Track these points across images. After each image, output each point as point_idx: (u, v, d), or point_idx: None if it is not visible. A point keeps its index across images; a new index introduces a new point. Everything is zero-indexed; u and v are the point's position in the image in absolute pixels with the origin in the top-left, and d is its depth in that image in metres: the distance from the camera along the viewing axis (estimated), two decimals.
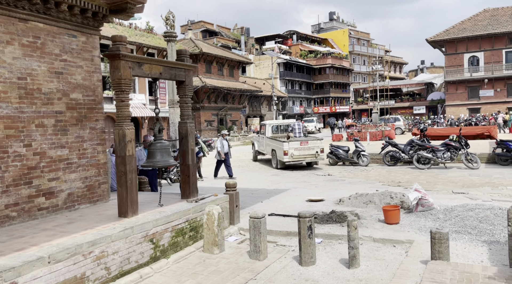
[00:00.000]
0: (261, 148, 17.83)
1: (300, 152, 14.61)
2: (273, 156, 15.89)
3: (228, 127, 37.80)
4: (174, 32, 16.39)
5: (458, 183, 10.70)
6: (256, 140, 18.72)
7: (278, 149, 15.15)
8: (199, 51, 32.61)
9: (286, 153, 14.39)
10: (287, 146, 14.46)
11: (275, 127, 17.73)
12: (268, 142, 16.62)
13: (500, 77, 41.39)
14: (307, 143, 14.80)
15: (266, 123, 17.81)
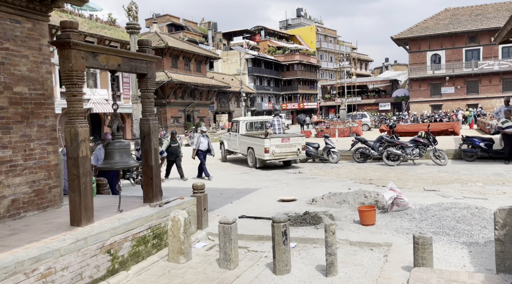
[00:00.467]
0: (233, 146, 16.66)
1: (282, 149, 13.75)
2: (250, 154, 14.93)
3: (195, 124, 36.97)
4: (137, 24, 15.60)
5: (428, 180, 10.67)
6: (226, 139, 17.46)
7: (257, 146, 14.21)
8: (164, 45, 31.57)
9: (267, 150, 13.45)
10: (268, 142, 13.49)
11: (249, 124, 16.46)
12: (243, 140, 15.51)
13: (460, 75, 42.86)
14: (288, 140, 13.99)
15: (239, 120, 16.47)
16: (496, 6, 43.34)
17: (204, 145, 12.89)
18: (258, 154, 14.15)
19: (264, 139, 13.64)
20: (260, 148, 13.85)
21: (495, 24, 40.62)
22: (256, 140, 14.36)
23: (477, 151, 13.35)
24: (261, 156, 13.90)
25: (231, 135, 16.87)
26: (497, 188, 9.14)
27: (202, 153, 12.98)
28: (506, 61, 40.94)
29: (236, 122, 16.49)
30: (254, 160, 14.66)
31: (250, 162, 15.04)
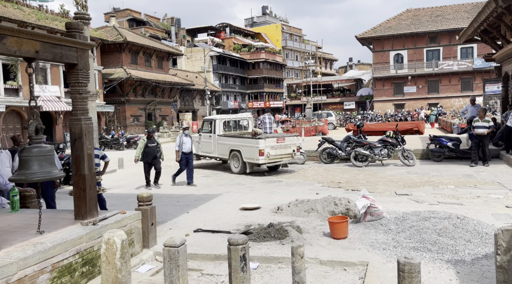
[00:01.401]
0: (205, 149, 14.25)
1: (277, 151, 12.06)
2: (234, 158, 12.82)
3: (157, 123, 35.44)
4: (86, 13, 14.16)
5: (398, 183, 10.14)
6: (195, 140, 14.53)
7: (246, 148, 12.22)
8: (123, 40, 29.86)
9: (262, 153, 11.58)
10: (263, 143, 11.67)
11: (226, 123, 14.21)
12: (223, 141, 13.29)
13: (422, 74, 43.72)
14: (283, 140, 12.32)
15: (214, 119, 14.01)
16: (455, 8, 44.51)
17: (187, 145, 11.14)
18: (249, 157, 12.17)
19: (259, 139, 11.77)
20: (252, 150, 11.96)
21: (454, 25, 41.67)
22: (245, 142, 12.35)
23: (445, 150, 13.07)
24: (253, 159, 12.02)
25: (202, 137, 14.35)
26: (470, 191, 8.70)
27: (185, 155, 11.12)
28: (465, 61, 42.12)
29: (210, 122, 14.06)
30: (241, 164, 12.53)
31: (234, 167, 12.86)
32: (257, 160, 11.90)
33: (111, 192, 10.77)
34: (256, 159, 11.92)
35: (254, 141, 11.97)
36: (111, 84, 29.48)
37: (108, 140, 24.89)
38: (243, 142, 12.46)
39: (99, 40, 28.08)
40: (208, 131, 14.13)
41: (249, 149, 12.14)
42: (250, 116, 14.51)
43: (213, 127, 13.82)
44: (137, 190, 10.89)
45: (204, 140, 14.28)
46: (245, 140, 12.44)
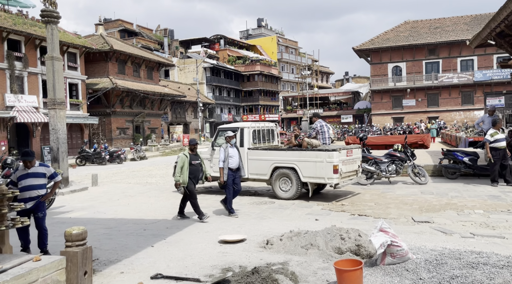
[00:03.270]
0: None
1: (347, 167, 9.53)
2: (280, 178, 9.74)
3: (146, 136, 33.70)
4: (55, 11, 12.66)
5: (413, 205, 8.48)
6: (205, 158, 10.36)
7: (310, 165, 9.21)
8: (109, 48, 28.32)
9: (336, 169, 8.94)
10: (337, 156, 9.00)
11: (255, 133, 10.70)
12: (259, 157, 10.05)
13: (421, 87, 42.50)
14: (351, 153, 9.79)
15: (241, 127, 10.62)
16: (454, 20, 43.63)
17: (234, 160, 8.30)
18: (312, 176, 9.25)
19: (333, 151, 9.01)
20: (319, 166, 9.08)
21: (453, 37, 40.70)
22: (304, 156, 9.35)
23: (461, 167, 11.47)
24: (321, 178, 9.15)
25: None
26: (505, 218, 7.06)
27: (232, 173, 8.29)
28: (465, 74, 40.98)
29: (236, 131, 10.34)
30: (296, 186, 9.47)
31: (281, 190, 9.75)
32: (328, 179, 9.02)
33: (69, 216, 9.05)
34: (327, 178, 9.03)
35: (323, 154, 9.06)
36: (96, 94, 27.83)
37: (89, 154, 23.11)
38: (302, 156, 9.36)
39: (83, 48, 26.55)
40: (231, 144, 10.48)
41: (313, 165, 9.15)
42: (274, 125, 11.72)
43: (242, 138, 10.31)
44: (102, 214, 9.14)
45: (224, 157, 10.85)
46: (305, 153, 9.35)
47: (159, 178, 15.81)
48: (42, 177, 5.93)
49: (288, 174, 9.58)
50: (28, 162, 5.83)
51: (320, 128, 10.13)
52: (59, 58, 12.71)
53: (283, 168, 9.65)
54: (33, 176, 5.82)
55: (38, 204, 5.82)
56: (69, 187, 12.97)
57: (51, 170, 6.13)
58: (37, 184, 5.82)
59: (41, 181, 5.89)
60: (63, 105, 12.87)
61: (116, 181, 15.42)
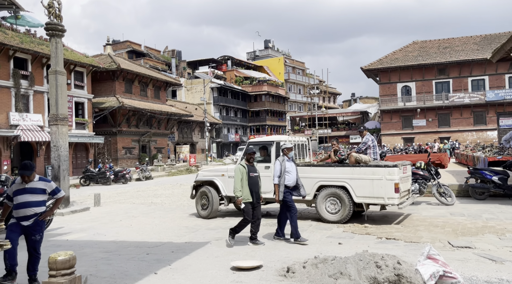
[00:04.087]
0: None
1: (403, 186, 8.48)
2: (327, 198, 8.55)
3: (152, 155, 33.10)
4: (60, 24, 12.27)
5: (445, 228, 7.64)
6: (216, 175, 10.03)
7: (365, 183, 8.10)
8: (116, 67, 28.11)
9: (398, 188, 7.88)
10: (398, 173, 7.96)
11: None
12: (304, 173, 8.40)
13: (431, 107, 41.75)
14: (406, 169, 8.81)
15: (276, 141, 9.40)
16: (463, 40, 43.27)
17: (292, 176, 7.07)
18: (368, 196, 8.12)
19: (394, 167, 7.97)
20: (377, 184, 7.96)
21: (463, 56, 40.22)
22: (358, 172, 8.21)
23: (490, 186, 10.63)
24: (379, 198, 8.04)
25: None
26: None
27: (288, 191, 7.10)
28: (476, 94, 40.25)
29: (265, 146, 9.19)
30: (347, 207, 8.29)
31: (328, 212, 8.55)
32: (389, 199, 7.86)
33: (67, 238, 8.31)
34: (387, 198, 7.88)
35: (382, 171, 7.95)
36: (102, 113, 27.43)
37: (94, 174, 22.47)
38: (355, 173, 8.22)
39: (90, 67, 26.34)
40: (261, 160, 9.21)
41: (369, 183, 8.04)
42: (306, 140, 10.58)
43: (275, 153, 9.03)
44: (102, 236, 8.38)
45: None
46: (358, 170, 8.19)
47: (165, 198, 15.08)
48: (41, 193, 5.16)
49: (337, 194, 8.36)
50: (26, 177, 5.12)
51: (372, 142, 8.96)
52: (62, 72, 12.24)
53: (331, 186, 8.41)
54: (31, 192, 5.06)
55: (35, 224, 5.04)
56: (69, 207, 12.26)
57: (53, 185, 5.31)
58: (35, 200, 5.05)
59: (39, 198, 5.13)
60: (66, 121, 12.30)
61: (119, 201, 14.72)
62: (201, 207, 10.01)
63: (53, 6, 11.94)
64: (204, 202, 9.94)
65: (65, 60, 23.54)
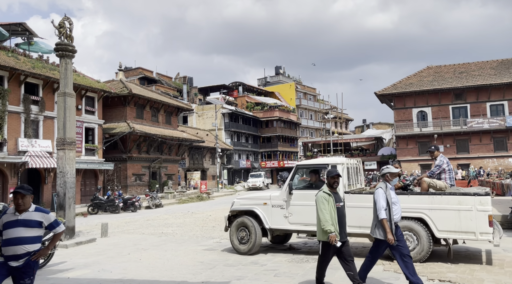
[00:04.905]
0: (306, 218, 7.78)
1: None
2: (407, 232, 7.07)
3: (162, 182, 32.27)
4: (70, 44, 11.76)
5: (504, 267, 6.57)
6: (256, 204, 8.62)
7: (454, 214, 6.83)
8: (127, 92, 27.79)
9: (491, 221, 6.74)
10: (490, 203, 6.78)
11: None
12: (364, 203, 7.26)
13: (448, 133, 40.59)
14: None
15: (333, 163, 7.93)
16: (479, 65, 42.55)
17: (398, 208, 5.65)
18: (455, 230, 6.84)
19: (481, 196, 6.73)
20: (466, 216, 6.74)
21: (481, 81, 39.35)
22: (438, 201, 6.93)
23: None
24: (469, 233, 6.77)
25: (293, 198, 8.08)
26: None
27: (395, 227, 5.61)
28: (496, 119, 39.06)
29: (324, 168, 7.86)
30: (428, 243, 6.98)
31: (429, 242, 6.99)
32: (482, 234, 6.64)
33: (68, 276, 7.38)
34: (478, 233, 6.65)
35: (471, 200, 6.69)
36: (112, 139, 26.89)
37: (102, 202, 21.65)
38: (434, 202, 6.91)
39: (101, 92, 26.03)
40: (311, 186, 7.92)
41: (455, 215, 6.73)
42: (356, 161, 9.18)
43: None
44: (107, 273, 7.43)
45: (301, 203, 7.90)
46: (440, 199, 6.89)
47: (176, 228, 14.12)
48: (36, 227, 4.25)
49: (412, 227, 7.01)
50: (20, 198, 4.18)
51: (447, 165, 7.56)
52: (72, 94, 11.63)
53: (405, 218, 6.89)
54: (24, 225, 4.17)
55: (26, 265, 4.14)
56: (74, 238, 11.36)
57: (51, 216, 4.39)
58: (28, 236, 4.16)
59: (33, 232, 4.22)
60: (74, 145, 11.58)
61: (128, 231, 13.78)
62: (239, 240, 8.61)
63: (64, 26, 11.47)
64: (243, 235, 8.54)
65: (76, 85, 23.36)
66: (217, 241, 10.77)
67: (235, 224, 8.66)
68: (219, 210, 20.70)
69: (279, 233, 8.65)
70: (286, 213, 8.12)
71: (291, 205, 8.07)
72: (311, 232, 7.90)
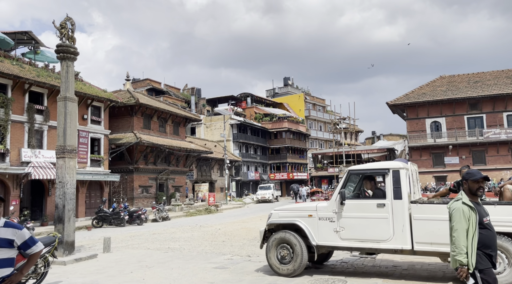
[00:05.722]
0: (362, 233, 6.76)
1: None
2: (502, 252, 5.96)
3: (169, 194, 31.40)
4: (72, 46, 11.08)
5: None
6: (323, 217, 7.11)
7: None
8: (135, 102, 27.15)
9: None
10: None
11: None
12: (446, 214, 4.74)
13: (464, 144, 39.33)
14: None
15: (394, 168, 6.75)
16: (494, 74, 41.46)
17: (492, 236, 3.69)
18: None
19: None
20: None
21: (497, 90, 38.23)
22: None
23: None
24: None
25: (345, 209, 6.87)
26: None
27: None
28: None
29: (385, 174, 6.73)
30: None
31: None
32: None
33: None
34: None
35: None
36: (119, 149, 26.16)
37: (107, 215, 20.80)
38: None
39: (108, 102, 25.41)
40: (366, 195, 7.05)
41: None
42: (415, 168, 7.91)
43: (393, 186, 6.57)
44: None
45: (355, 215, 6.79)
46: None
47: (183, 242, 13.19)
48: (6, 247, 3.38)
49: (503, 246, 5.73)
50: None
51: None
52: (73, 99, 10.90)
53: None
54: None
55: None
56: (73, 254, 10.48)
57: (25, 234, 3.50)
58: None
59: (3, 254, 3.37)
60: (74, 154, 10.81)
61: (132, 246, 12.89)
62: (279, 260, 7.30)
63: (66, 27, 10.80)
64: (284, 253, 7.24)
65: (82, 94, 22.78)
66: (229, 257, 9.84)
67: (273, 240, 7.39)
68: (228, 223, 19.76)
69: (324, 250, 7.47)
70: (336, 226, 6.93)
71: (342, 217, 6.87)
72: (367, 249, 6.75)
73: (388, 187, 6.62)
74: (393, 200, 6.49)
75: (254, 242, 12.58)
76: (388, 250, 6.58)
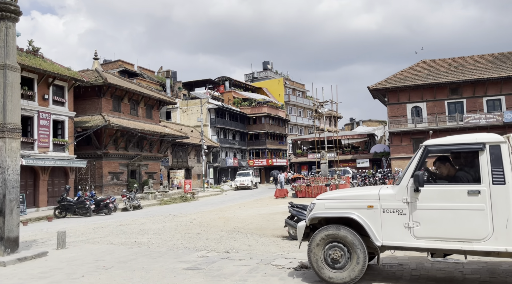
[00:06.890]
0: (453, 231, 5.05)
1: None
2: None
3: (142, 181, 29.61)
4: (12, 3, 9.21)
5: None
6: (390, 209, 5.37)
7: None
8: (102, 81, 25.03)
9: None
10: None
11: None
12: None
13: (444, 128, 38.97)
14: None
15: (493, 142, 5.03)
16: (475, 59, 41.11)
17: None
18: None
19: None
20: None
21: (477, 75, 37.87)
22: None
23: None
24: None
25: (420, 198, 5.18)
26: None
27: None
28: (493, 114, 37.59)
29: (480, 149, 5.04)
30: None
31: None
32: None
33: None
34: None
35: None
36: (85, 133, 24.11)
37: (71, 204, 19.00)
38: None
39: (72, 81, 23.25)
40: (450, 179, 5.39)
41: None
42: None
43: (492, 165, 4.98)
44: None
45: (437, 206, 5.15)
46: None
47: (153, 235, 11.71)
48: None
49: None
50: None
51: None
52: (14, 68, 9.10)
53: None
54: None
55: None
56: (17, 252, 8.83)
57: None
58: None
59: None
60: (17, 133, 9.06)
61: (93, 240, 11.31)
62: (329, 264, 5.59)
63: None
64: (336, 256, 5.55)
65: (41, 71, 20.59)
66: (203, 254, 8.43)
67: (320, 238, 5.64)
68: (205, 212, 18.36)
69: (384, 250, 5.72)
70: (409, 221, 5.26)
71: (417, 208, 5.20)
72: (453, 251, 5.12)
73: (484, 168, 4.96)
74: (491, 185, 4.88)
75: (232, 234, 11.24)
76: (484, 252, 4.97)
